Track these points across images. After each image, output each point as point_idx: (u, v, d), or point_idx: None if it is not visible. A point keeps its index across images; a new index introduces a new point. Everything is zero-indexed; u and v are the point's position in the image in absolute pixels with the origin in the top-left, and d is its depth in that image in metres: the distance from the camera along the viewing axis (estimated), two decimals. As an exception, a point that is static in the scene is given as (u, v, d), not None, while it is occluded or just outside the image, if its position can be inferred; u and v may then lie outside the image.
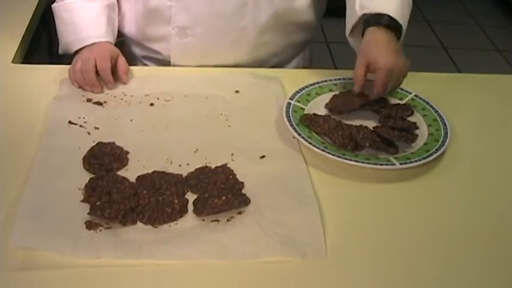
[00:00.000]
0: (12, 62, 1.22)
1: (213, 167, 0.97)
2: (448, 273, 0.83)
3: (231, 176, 0.95)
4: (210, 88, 1.17)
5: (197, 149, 1.01)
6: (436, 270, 0.84)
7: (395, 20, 1.12)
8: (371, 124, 1.09)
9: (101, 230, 0.83)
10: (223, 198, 0.89)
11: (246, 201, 0.90)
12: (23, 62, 1.27)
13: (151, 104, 1.11)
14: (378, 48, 1.10)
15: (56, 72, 1.18)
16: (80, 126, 1.03)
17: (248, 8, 1.18)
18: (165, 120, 1.07)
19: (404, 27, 1.15)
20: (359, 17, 1.14)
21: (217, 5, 1.17)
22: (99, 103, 1.09)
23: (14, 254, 0.79)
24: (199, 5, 1.18)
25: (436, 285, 0.82)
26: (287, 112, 1.08)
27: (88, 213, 0.85)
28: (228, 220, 0.87)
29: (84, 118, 1.05)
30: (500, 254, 0.88)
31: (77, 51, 1.20)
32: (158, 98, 1.13)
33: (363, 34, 1.13)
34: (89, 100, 1.10)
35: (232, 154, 1.00)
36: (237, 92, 1.17)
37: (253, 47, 1.24)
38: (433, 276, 0.83)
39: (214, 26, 1.19)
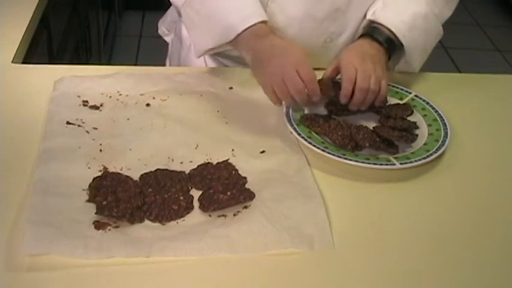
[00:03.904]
0: (12, 62, 1.22)
1: (214, 163, 0.98)
2: (448, 272, 0.83)
3: (233, 172, 0.96)
4: (204, 86, 1.17)
5: (197, 146, 1.01)
6: (436, 269, 0.84)
7: (392, 38, 1.14)
8: (371, 124, 1.09)
9: (109, 230, 0.84)
10: (228, 193, 0.90)
11: (250, 195, 0.90)
12: (23, 62, 1.27)
13: (148, 105, 1.11)
14: (349, 51, 1.12)
15: (56, 72, 1.18)
16: (78, 126, 1.03)
17: (340, 12, 1.19)
18: (162, 120, 1.07)
19: (409, 49, 1.16)
20: (367, 22, 1.18)
21: (311, 9, 1.18)
22: (95, 107, 1.08)
23: (22, 255, 0.79)
24: (294, 7, 1.18)
25: (436, 282, 0.82)
26: (287, 112, 1.08)
27: (96, 213, 0.85)
28: (234, 215, 0.88)
29: (82, 119, 1.05)
30: (500, 253, 0.88)
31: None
32: (154, 98, 1.13)
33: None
34: (85, 103, 1.09)
35: (232, 150, 1.01)
36: (231, 88, 1.18)
37: (340, 52, 1.21)
38: (434, 274, 0.83)
39: (306, 29, 1.20)
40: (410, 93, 1.18)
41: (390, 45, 1.15)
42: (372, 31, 1.15)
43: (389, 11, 1.16)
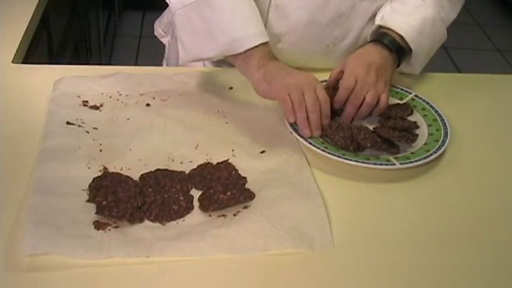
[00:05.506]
0: (12, 62, 1.22)
1: (214, 163, 0.98)
2: (448, 272, 0.83)
3: (233, 172, 0.96)
4: (204, 86, 1.17)
5: (197, 146, 1.01)
6: (437, 268, 0.84)
7: (401, 43, 1.14)
8: (371, 125, 1.09)
9: (109, 230, 0.84)
10: (228, 193, 0.90)
11: (251, 195, 0.90)
12: (23, 62, 1.27)
13: (148, 105, 1.11)
14: (356, 58, 1.11)
15: (56, 72, 1.18)
16: (78, 126, 1.03)
17: (343, 18, 1.19)
18: (162, 120, 1.07)
19: (416, 53, 1.16)
20: (375, 27, 1.18)
21: (315, 14, 1.17)
22: (95, 107, 1.08)
23: (22, 255, 0.79)
24: (298, 13, 1.17)
25: (437, 282, 0.82)
26: (287, 112, 1.08)
27: (96, 213, 0.85)
28: (234, 215, 0.88)
29: (82, 119, 1.05)
30: (500, 254, 0.88)
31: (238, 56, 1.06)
32: (154, 98, 1.13)
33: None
34: (85, 103, 1.09)
35: (232, 150, 1.01)
36: (231, 88, 1.18)
37: (343, 56, 1.22)
38: (434, 274, 0.83)
39: (309, 34, 1.20)
40: (410, 93, 1.18)
41: (400, 53, 1.15)
42: (382, 37, 1.14)
43: (398, 16, 1.16)
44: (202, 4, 1.07)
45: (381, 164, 0.98)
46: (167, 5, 1.15)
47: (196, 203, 0.90)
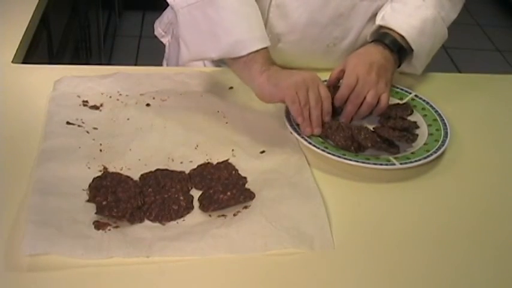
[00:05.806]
0: (12, 62, 1.21)
1: (214, 163, 0.98)
2: (448, 272, 0.83)
3: (233, 172, 0.96)
4: (204, 86, 1.18)
5: (197, 146, 1.01)
6: (436, 268, 0.84)
7: (402, 44, 1.14)
8: (371, 124, 1.09)
9: (109, 230, 0.84)
10: (228, 193, 0.90)
11: (251, 195, 0.90)
12: (23, 62, 1.27)
13: (148, 105, 1.11)
14: (358, 58, 1.11)
15: (56, 72, 1.18)
16: (78, 126, 1.03)
17: (343, 18, 1.19)
18: (162, 120, 1.07)
19: (417, 53, 1.16)
20: (376, 27, 1.17)
21: (315, 14, 1.17)
22: (95, 107, 1.08)
23: (22, 255, 0.78)
24: (298, 13, 1.17)
25: (436, 282, 0.82)
26: (287, 113, 1.08)
27: (96, 213, 0.85)
28: (234, 215, 0.88)
29: (82, 119, 1.05)
30: (500, 254, 0.88)
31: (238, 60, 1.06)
32: (154, 98, 1.13)
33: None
34: (85, 103, 1.09)
35: (232, 150, 1.01)
36: (231, 88, 1.18)
37: (343, 56, 1.22)
38: (434, 274, 0.83)
39: (309, 34, 1.20)
40: (410, 93, 1.18)
41: (401, 53, 1.15)
42: (383, 37, 1.14)
43: (399, 16, 1.15)
44: (207, 3, 1.07)
45: (381, 164, 0.98)
46: (167, 5, 1.15)
47: (196, 203, 0.90)
